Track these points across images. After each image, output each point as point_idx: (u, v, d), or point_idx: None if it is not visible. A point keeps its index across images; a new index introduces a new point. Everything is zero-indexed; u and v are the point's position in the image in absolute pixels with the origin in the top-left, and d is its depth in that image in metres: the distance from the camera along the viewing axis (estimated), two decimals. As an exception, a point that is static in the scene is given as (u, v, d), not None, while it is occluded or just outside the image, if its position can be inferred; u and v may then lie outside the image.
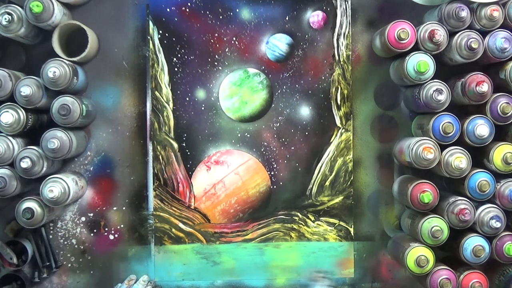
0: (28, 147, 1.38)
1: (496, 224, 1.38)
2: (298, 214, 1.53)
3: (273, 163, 1.53)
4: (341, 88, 1.53)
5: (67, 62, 1.39)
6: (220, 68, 1.52)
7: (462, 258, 1.40)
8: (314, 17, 1.53)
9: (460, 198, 1.40)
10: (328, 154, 1.53)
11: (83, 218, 1.53)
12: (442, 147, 1.40)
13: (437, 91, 1.38)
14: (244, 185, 1.54)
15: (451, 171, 1.39)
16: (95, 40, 1.49)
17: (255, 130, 1.53)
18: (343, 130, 1.53)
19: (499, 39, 1.37)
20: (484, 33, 1.38)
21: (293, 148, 1.53)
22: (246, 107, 1.53)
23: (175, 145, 1.52)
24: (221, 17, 1.52)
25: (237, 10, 1.52)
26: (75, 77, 1.40)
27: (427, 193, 1.39)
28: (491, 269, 1.47)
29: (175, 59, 1.51)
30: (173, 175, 1.52)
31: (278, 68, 1.53)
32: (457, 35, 1.38)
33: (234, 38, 1.52)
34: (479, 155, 1.42)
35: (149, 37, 1.51)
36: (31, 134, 1.42)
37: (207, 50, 1.52)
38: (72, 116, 1.38)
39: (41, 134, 1.38)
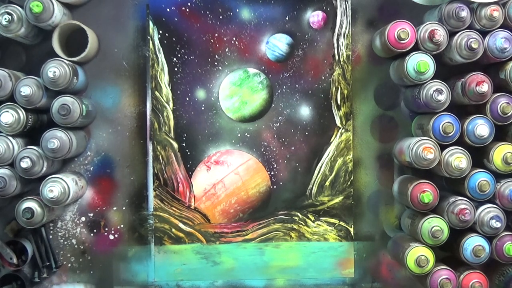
0: (28, 147, 1.38)
1: (496, 224, 1.38)
2: (298, 214, 1.53)
3: (273, 163, 1.53)
4: (341, 88, 1.53)
5: (67, 62, 1.39)
6: (220, 68, 1.52)
7: (462, 258, 1.40)
8: (314, 17, 1.53)
9: (460, 198, 1.40)
10: (328, 154, 1.53)
11: (83, 218, 1.53)
12: (442, 147, 1.40)
13: (437, 91, 1.38)
14: (244, 185, 1.54)
15: (451, 171, 1.39)
16: (95, 40, 1.49)
17: (255, 130, 1.53)
18: (343, 130, 1.53)
19: (499, 39, 1.37)
20: (484, 33, 1.38)
21: (293, 148, 1.53)
22: (246, 107, 1.53)
23: (175, 145, 1.52)
24: (221, 17, 1.52)
25: (237, 10, 1.52)
26: (75, 77, 1.40)
27: (427, 193, 1.39)
28: (491, 269, 1.47)
29: (175, 59, 1.51)
30: (173, 175, 1.52)
31: (278, 68, 1.53)
32: (457, 35, 1.38)
33: (234, 38, 1.52)
34: (479, 155, 1.42)
35: (149, 37, 1.51)
36: (31, 134, 1.42)
37: (207, 50, 1.52)
38: (72, 116, 1.38)
39: (41, 134, 1.38)
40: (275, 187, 1.53)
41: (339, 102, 1.53)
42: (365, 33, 1.55)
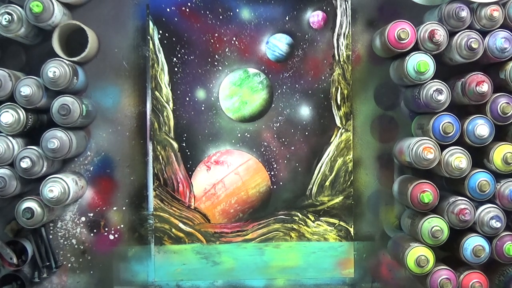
0: (28, 147, 1.38)
1: (496, 224, 1.38)
2: (298, 214, 1.53)
3: (273, 163, 1.53)
4: (341, 88, 1.53)
5: (67, 62, 1.39)
6: (220, 68, 1.52)
7: (462, 258, 1.40)
8: (314, 17, 1.53)
9: (460, 198, 1.40)
10: (328, 154, 1.53)
11: (83, 218, 1.53)
12: (442, 147, 1.40)
13: (437, 91, 1.38)
14: (244, 185, 1.54)
15: (451, 171, 1.39)
16: (95, 40, 1.49)
17: (255, 130, 1.53)
18: (343, 130, 1.53)
19: (499, 39, 1.37)
20: (484, 33, 1.38)
21: (293, 148, 1.53)
22: (246, 107, 1.53)
23: (175, 145, 1.52)
24: (221, 17, 1.52)
25: (237, 10, 1.52)
26: (75, 77, 1.40)
27: (427, 193, 1.39)
28: (491, 269, 1.47)
29: (175, 59, 1.51)
30: (173, 175, 1.52)
31: (278, 68, 1.53)
32: (457, 35, 1.38)
33: (234, 38, 1.52)
34: (479, 155, 1.42)
35: (149, 37, 1.51)
36: (31, 134, 1.42)
37: (207, 50, 1.52)
38: (72, 116, 1.38)
39: (41, 134, 1.38)
40: (275, 187, 1.53)
41: (339, 102, 1.53)
42: (365, 33, 1.55)
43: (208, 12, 1.51)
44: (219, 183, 1.53)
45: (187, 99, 1.52)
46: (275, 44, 1.53)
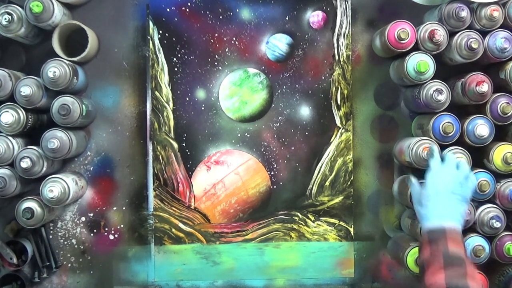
0: (28, 147, 1.38)
1: (496, 224, 1.38)
2: (298, 214, 1.53)
3: (273, 163, 1.53)
4: (341, 88, 1.53)
5: (67, 62, 1.39)
6: (220, 68, 1.52)
7: (462, 258, 1.40)
8: (314, 17, 1.53)
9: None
10: (328, 154, 1.53)
11: (83, 218, 1.53)
12: (442, 147, 1.40)
13: (437, 91, 1.38)
14: (244, 185, 1.53)
15: (451, 171, 1.39)
16: (95, 40, 1.49)
17: (255, 130, 1.53)
18: (343, 130, 1.53)
19: (499, 39, 1.37)
20: (484, 33, 1.38)
21: (293, 148, 1.53)
22: (246, 107, 1.53)
23: (175, 145, 1.52)
24: (221, 17, 1.52)
25: (237, 10, 1.52)
26: (75, 77, 1.40)
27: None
28: (491, 269, 1.47)
29: (175, 59, 1.51)
30: (173, 175, 1.52)
31: (278, 68, 1.53)
32: (457, 35, 1.38)
33: (234, 38, 1.52)
34: (479, 155, 1.43)
35: (149, 37, 1.51)
36: (31, 134, 1.43)
37: (207, 50, 1.52)
38: (72, 116, 1.38)
39: (41, 134, 1.38)
40: (275, 187, 1.53)
41: (339, 102, 1.53)
42: (365, 33, 1.55)
43: (208, 12, 1.51)
44: (219, 183, 1.53)
45: (187, 99, 1.52)
46: (275, 44, 1.53)
